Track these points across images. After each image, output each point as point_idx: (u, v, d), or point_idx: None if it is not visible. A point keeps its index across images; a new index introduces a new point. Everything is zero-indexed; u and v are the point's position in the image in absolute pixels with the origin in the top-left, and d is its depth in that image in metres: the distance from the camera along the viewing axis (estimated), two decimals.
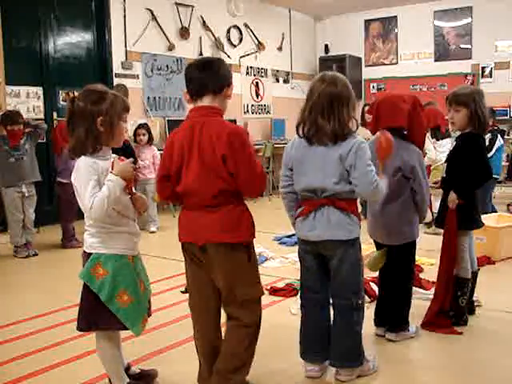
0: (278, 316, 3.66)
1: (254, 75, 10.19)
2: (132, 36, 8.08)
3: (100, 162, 2.43)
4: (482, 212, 6.74)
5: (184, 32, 8.83)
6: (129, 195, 2.51)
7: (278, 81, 10.84)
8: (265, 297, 3.90)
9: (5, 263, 5.38)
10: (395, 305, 3.21)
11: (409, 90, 10.40)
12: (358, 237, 2.71)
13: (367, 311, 2.93)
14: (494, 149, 6.46)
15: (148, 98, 8.31)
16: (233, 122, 2.68)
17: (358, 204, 2.88)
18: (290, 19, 11.10)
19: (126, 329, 2.49)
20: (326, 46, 11.62)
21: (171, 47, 8.64)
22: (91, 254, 2.46)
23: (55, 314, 3.78)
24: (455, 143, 3.49)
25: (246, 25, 9.94)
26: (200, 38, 9.11)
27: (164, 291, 4.15)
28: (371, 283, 3.91)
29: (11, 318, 3.73)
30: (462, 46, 10.28)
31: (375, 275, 3.69)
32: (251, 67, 10.15)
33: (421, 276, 4.23)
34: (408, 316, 3.24)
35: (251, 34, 10.08)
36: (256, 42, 10.16)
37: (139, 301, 2.51)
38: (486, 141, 6.37)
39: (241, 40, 9.86)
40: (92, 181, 2.36)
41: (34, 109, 7.04)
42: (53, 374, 2.92)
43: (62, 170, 5.72)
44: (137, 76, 8.19)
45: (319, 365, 2.79)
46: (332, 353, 2.74)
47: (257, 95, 10.28)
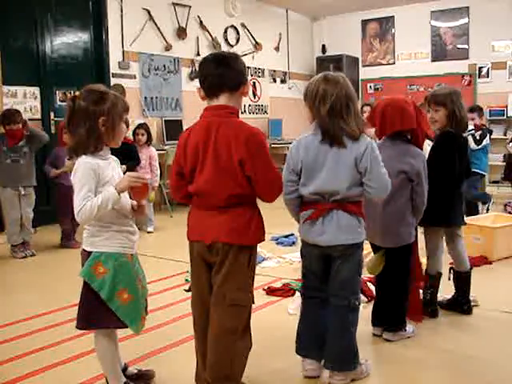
0: (276, 316, 3.67)
1: (251, 75, 10.18)
2: (129, 36, 8.08)
3: (100, 162, 2.42)
4: (481, 201, 6.85)
5: (181, 32, 8.82)
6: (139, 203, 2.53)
7: (275, 81, 10.83)
8: (262, 297, 3.96)
9: (2, 263, 5.37)
10: (392, 305, 3.21)
11: (406, 90, 10.43)
12: (364, 239, 2.70)
13: (364, 311, 2.93)
14: (482, 144, 6.63)
15: (145, 98, 8.31)
16: None
17: None
18: (287, 19, 11.10)
19: (125, 327, 2.49)
20: (323, 46, 11.61)
21: (168, 47, 8.63)
22: (91, 253, 2.45)
23: (54, 314, 3.77)
24: (435, 141, 3.54)
25: (243, 25, 9.93)
26: (197, 38, 9.10)
27: (162, 291, 4.15)
28: (368, 283, 3.91)
29: (10, 318, 3.72)
30: (459, 46, 10.28)
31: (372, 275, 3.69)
32: (248, 67, 10.14)
33: None
34: (405, 316, 3.25)
35: (248, 34, 10.08)
36: (253, 42, 10.16)
37: (138, 299, 2.51)
38: (477, 135, 6.55)
39: (238, 40, 9.85)
40: (88, 184, 2.36)
41: (31, 109, 7.03)
42: (51, 374, 2.91)
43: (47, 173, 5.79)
44: (134, 76, 8.18)
45: (316, 363, 2.76)
46: (326, 353, 2.71)
47: (254, 95, 10.27)
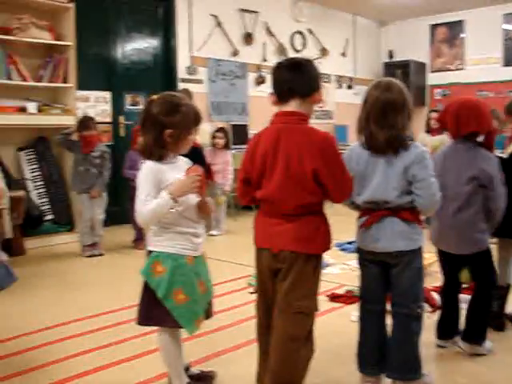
0: (338, 323, 3.67)
1: None
2: (197, 42, 8.23)
3: (164, 167, 2.48)
4: None
5: (248, 38, 8.92)
6: (199, 199, 2.56)
7: (341, 86, 10.80)
8: (325, 303, 3.96)
9: (72, 261, 5.55)
10: (475, 315, 3.08)
11: (475, 97, 10.16)
12: (422, 245, 2.64)
13: (427, 321, 2.88)
14: None
15: (212, 103, 8.43)
16: None
17: None
18: (354, 24, 11.06)
19: (180, 327, 2.53)
20: (391, 52, 11.50)
21: (235, 53, 8.75)
22: (152, 252, 2.54)
23: (119, 313, 3.88)
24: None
25: (310, 30, 9.95)
26: (264, 44, 9.19)
27: (225, 294, 4.19)
28: (432, 292, 3.85)
29: (75, 315, 3.84)
30: None
31: (437, 284, 3.63)
32: None
33: None
34: (486, 329, 3.09)
35: (315, 40, 10.09)
36: (320, 48, 10.16)
37: (195, 301, 2.54)
38: None
39: (304, 45, 9.88)
40: (147, 189, 2.42)
41: (103, 112, 7.27)
42: (115, 371, 2.99)
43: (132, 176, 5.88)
44: (201, 81, 8.33)
45: (375, 377, 2.70)
46: (389, 364, 2.65)
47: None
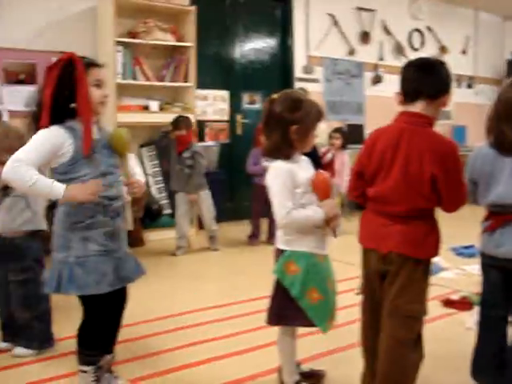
0: (451, 329, 3.58)
1: None
2: (313, 41, 8.27)
3: (294, 166, 2.48)
4: None
5: (365, 36, 8.85)
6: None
7: (461, 86, 10.45)
8: (438, 308, 3.89)
9: (188, 255, 5.72)
10: None
11: None
12: None
13: None
14: None
15: (327, 102, 8.44)
16: None
17: None
18: (476, 20, 10.67)
19: (313, 326, 2.53)
20: None
21: (352, 52, 8.71)
22: (284, 251, 2.52)
23: (232, 307, 3.97)
24: None
25: (429, 28, 9.71)
26: (381, 43, 9.09)
27: (340, 293, 4.17)
28: None
29: (190, 307, 3.97)
30: None
31: None
32: None
33: None
34: None
35: (434, 38, 9.85)
36: (438, 46, 9.90)
37: (328, 299, 2.54)
38: None
39: (423, 44, 9.66)
40: (285, 190, 2.43)
41: (220, 111, 7.48)
42: (226, 363, 3.07)
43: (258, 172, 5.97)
44: (317, 80, 8.36)
45: None
46: (507, 376, 2.52)
47: None
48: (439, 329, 3.50)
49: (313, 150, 5.83)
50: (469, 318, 3.62)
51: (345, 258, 5.17)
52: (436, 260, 4.83)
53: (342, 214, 7.51)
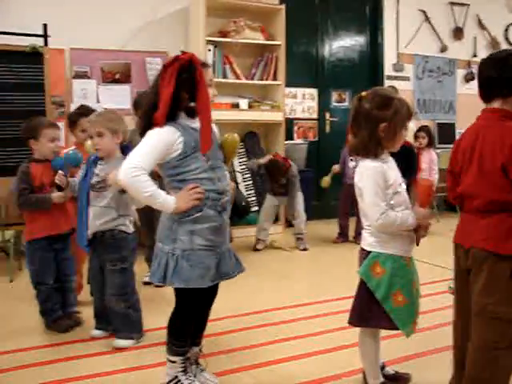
0: None
1: None
2: (404, 38, 8.13)
3: (384, 166, 2.44)
4: None
5: (458, 32, 8.61)
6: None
7: None
8: None
9: (274, 253, 5.80)
10: None
11: None
12: None
13: None
14: None
15: (418, 101, 8.29)
16: None
17: None
18: None
19: (396, 329, 2.50)
20: None
21: (444, 48, 8.50)
22: (369, 252, 2.50)
23: (317, 306, 3.98)
24: None
25: None
26: (474, 38, 8.81)
27: (425, 296, 4.06)
28: None
29: (277, 304, 4.02)
30: None
31: None
32: None
33: None
34: None
35: None
36: None
37: (413, 302, 2.51)
38: None
39: None
40: (379, 191, 2.40)
41: (309, 109, 7.48)
42: (311, 361, 3.08)
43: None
44: (407, 78, 8.22)
45: None
46: None
47: None
48: None
49: (408, 150, 5.71)
50: None
51: (432, 260, 5.09)
52: None
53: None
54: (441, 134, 8.08)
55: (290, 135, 7.25)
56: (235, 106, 6.40)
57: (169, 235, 2.49)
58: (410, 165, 5.61)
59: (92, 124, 3.23)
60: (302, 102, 7.44)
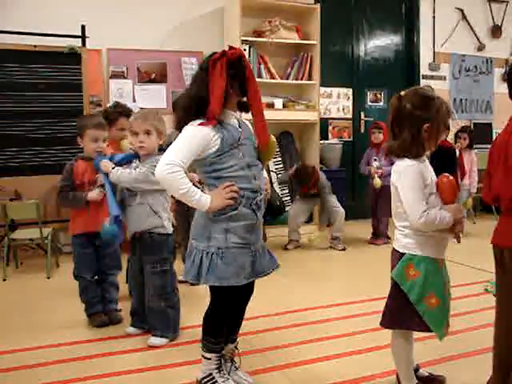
0: None
1: None
2: (440, 37, 8.05)
3: (421, 165, 2.42)
4: None
5: (496, 30, 8.49)
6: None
7: None
8: None
9: (310, 252, 5.81)
10: None
11: None
12: None
13: None
14: None
15: (454, 100, 8.20)
16: None
17: None
18: None
19: (428, 331, 2.48)
20: None
21: (481, 47, 8.39)
22: (403, 254, 2.48)
23: (352, 306, 3.98)
24: None
25: None
26: None
27: (461, 297, 4.05)
28: None
29: (308, 304, 4.02)
30: None
31: None
32: None
33: None
34: None
35: None
36: None
37: (445, 305, 2.49)
38: None
39: None
40: (419, 190, 2.38)
41: (344, 109, 7.46)
42: (345, 361, 3.07)
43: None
44: (444, 77, 8.14)
45: None
46: None
47: None
48: None
49: (448, 152, 5.60)
50: None
51: (468, 262, 5.03)
52: None
53: (467, 216, 7.32)
54: (477, 134, 7.96)
55: (325, 135, 7.24)
56: (270, 106, 6.40)
57: (203, 233, 2.50)
58: (447, 166, 5.42)
59: (141, 121, 3.23)
60: (337, 102, 7.42)
